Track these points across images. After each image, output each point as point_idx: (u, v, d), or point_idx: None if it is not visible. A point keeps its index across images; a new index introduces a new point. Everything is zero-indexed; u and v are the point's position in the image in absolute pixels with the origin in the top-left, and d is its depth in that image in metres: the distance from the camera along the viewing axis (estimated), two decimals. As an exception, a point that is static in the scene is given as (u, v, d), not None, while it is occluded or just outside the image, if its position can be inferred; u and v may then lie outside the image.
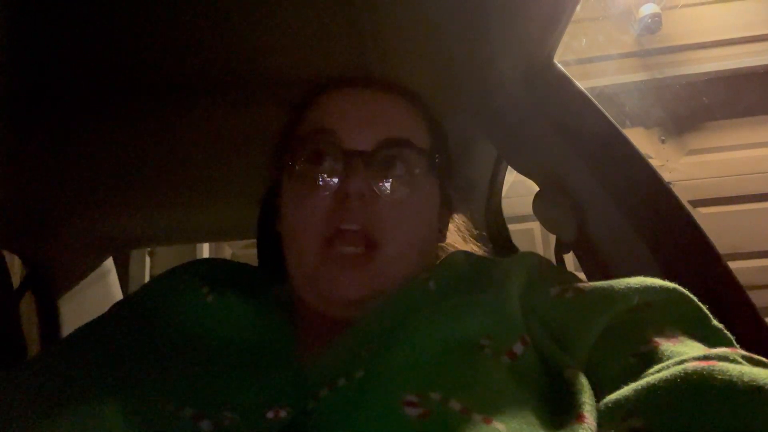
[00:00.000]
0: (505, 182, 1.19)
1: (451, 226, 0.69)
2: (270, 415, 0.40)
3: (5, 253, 1.10)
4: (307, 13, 0.67)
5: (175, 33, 0.68)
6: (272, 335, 0.52)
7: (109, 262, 1.46)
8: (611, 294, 0.47)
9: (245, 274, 0.65)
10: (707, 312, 0.46)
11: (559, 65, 0.80)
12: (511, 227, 1.23)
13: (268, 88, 0.80)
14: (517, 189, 1.74)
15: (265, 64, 0.76)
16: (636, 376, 0.38)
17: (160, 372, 0.46)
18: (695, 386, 0.33)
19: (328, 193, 0.55)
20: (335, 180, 0.55)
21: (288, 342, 0.51)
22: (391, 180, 0.56)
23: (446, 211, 0.66)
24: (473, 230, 0.73)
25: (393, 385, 0.39)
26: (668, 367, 0.37)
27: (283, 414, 0.41)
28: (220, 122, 0.90)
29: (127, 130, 0.89)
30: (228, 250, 2.64)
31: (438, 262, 0.58)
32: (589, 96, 0.77)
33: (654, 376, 0.36)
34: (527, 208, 0.87)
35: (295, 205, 0.57)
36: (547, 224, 0.86)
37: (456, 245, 0.68)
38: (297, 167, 0.57)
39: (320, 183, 0.55)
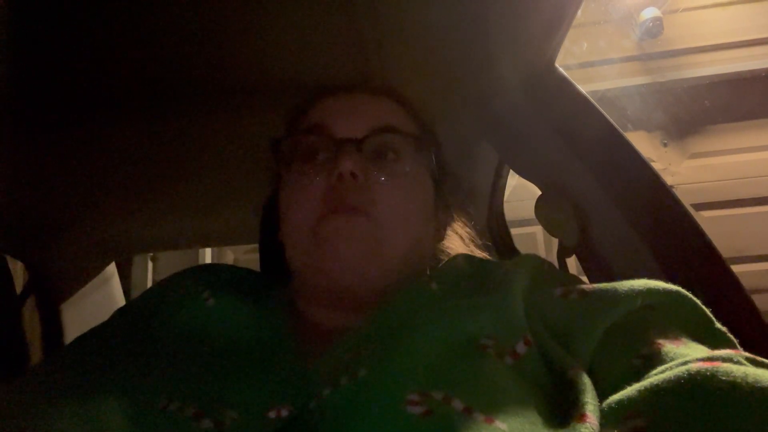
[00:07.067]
0: (507, 186, 1.19)
1: (450, 231, 0.70)
2: (272, 414, 0.40)
3: (8, 258, 1.10)
4: (310, 20, 0.67)
5: (179, 39, 0.69)
6: (273, 337, 0.52)
7: (112, 267, 1.46)
8: (615, 295, 0.47)
9: (247, 278, 0.65)
10: (710, 315, 0.46)
11: (561, 69, 0.80)
12: (513, 231, 1.23)
13: (272, 95, 0.81)
14: (519, 193, 1.73)
15: (269, 70, 0.77)
16: (639, 377, 0.38)
17: (161, 373, 0.46)
18: (699, 387, 0.33)
19: (320, 178, 0.57)
20: (329, 168, 0.57)
21: (289, 343, 0.51)
22: (382, 164, 0.58)
23: (443, 209, 0.67)
24: (475, 237, 0.73)
25: (396, 384, 0.39)
26: (672, 368, 0.37)
27: (284, 413, 0.41)
28: (224, 128, 0.90)
29: (131, 135, 0.89)
30: (230, 255, 2.64)
31: (440, 265, 0.58)
32: (591, 100, 0.77)
33: (658, 376, 0.36)
34: (529, 212, 0.87)
35: (291, 197, 0.59)
36: (550, 228, 0.86)
37: (457, 249, 0.69)
38: (293, 164, 0.59)
39: (315, 172, 0.57)
